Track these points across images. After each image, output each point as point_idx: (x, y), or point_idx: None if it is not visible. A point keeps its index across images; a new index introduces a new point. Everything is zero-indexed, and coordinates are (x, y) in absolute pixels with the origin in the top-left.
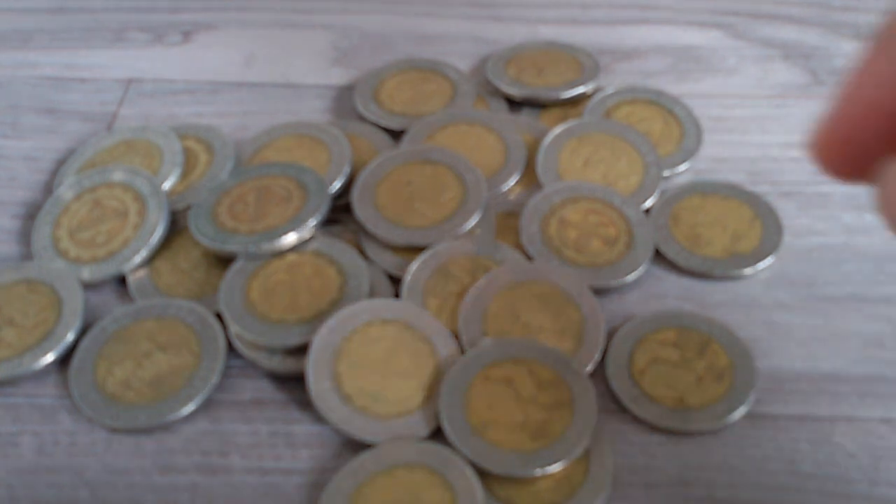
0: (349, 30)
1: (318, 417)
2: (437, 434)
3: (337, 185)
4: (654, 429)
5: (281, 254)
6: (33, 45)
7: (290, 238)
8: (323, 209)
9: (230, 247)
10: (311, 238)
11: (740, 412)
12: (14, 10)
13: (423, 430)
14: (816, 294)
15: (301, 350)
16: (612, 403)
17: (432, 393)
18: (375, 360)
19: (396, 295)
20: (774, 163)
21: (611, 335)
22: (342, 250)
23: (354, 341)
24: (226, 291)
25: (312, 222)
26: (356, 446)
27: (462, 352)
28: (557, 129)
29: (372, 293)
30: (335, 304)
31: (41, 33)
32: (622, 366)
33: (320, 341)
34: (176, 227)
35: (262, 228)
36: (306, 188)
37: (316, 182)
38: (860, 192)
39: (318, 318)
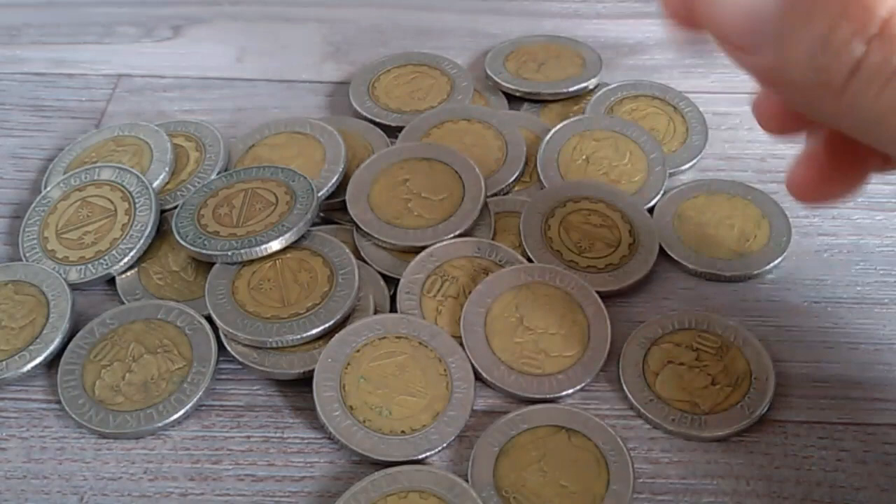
0: (343, 23)
1: (312, 424)
2: (432, 458)
3: (331, 184)
4: (665, 433)
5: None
6: (21, 41)
7: (270, 246)
8: (308, 218)
9: (208, 252)
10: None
11: (753, 419)
12: (1, 5)
13: (422, 451)
14: (826, 296)
15: (296, 351)
16: (624, 407)
17: (439, 413)
18: (385, 375)
19: (392, 296)
20: (783, 160)
21: (616, 338)
22: (323, 241)
23: (365, 354)
24: (211, 294)
25: (295, 231)
26: (351, 455)
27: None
28: (559, 126)
29: (363, 287)
30: (328, 297)
31: (29, 28)
32: (636, 367)
33: (330, 350)
34: (166, 227)
35: (242, 234)
36: (294, 194)
37: (305, 188)
38: (871, 192)
39: (314, 312)
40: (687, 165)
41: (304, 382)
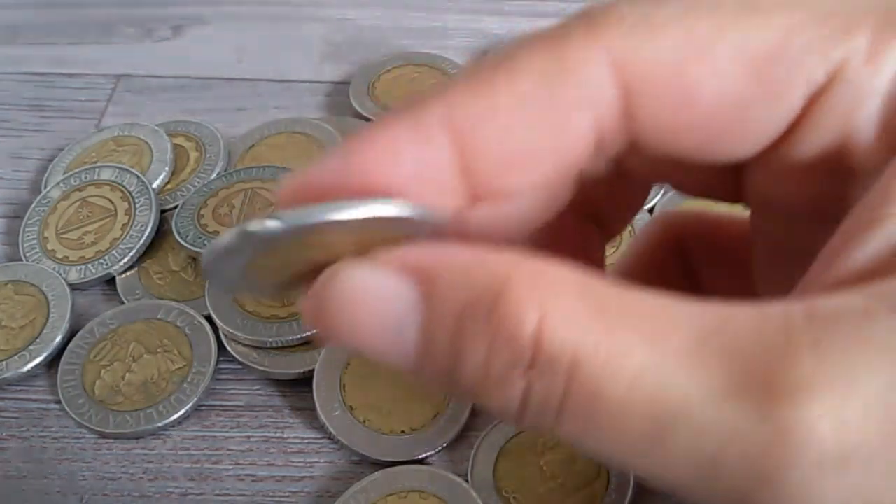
0: (343, 23)
1: (312, 424)
2: (432, 458)
3: None
4: None
5: None
6: (20, 41)
7: None
8: None
9: None
10: None
11: None
12: (1, 5)
13: (423, 450)
14: None
15: (296, 351)
16: None
17: (439, 413)
18: (385, 375)
19: None
20: None
21: None
22: None
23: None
24: (211, 294)
25: None
26: (351, 455)
27: None
28: None
29: None
30: None
31: (28, 28)
32: None
33: (330, 350)
34: (166, 227)
35: None
36: None
37: None
38: None
39: None
40: None
41: (304, 382)
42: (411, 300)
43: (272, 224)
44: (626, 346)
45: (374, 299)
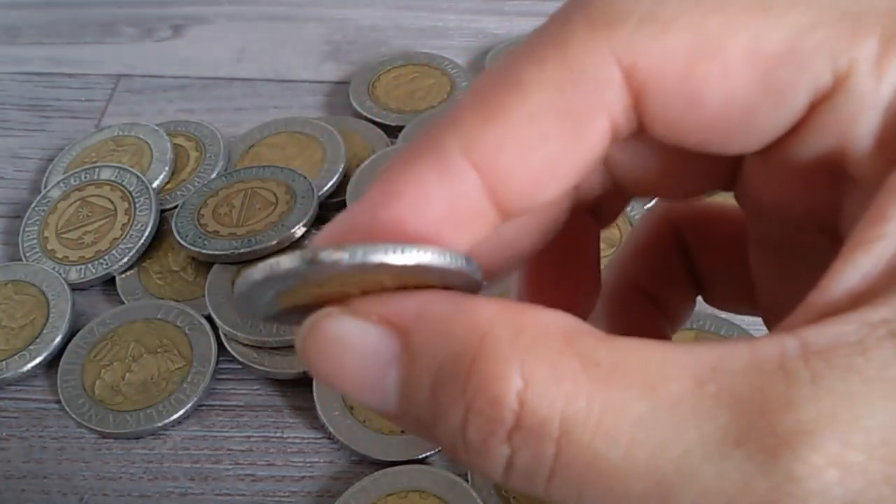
0: (343, 23)
1: (312, 424)
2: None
3: (331, 184)
4: None
5: None
6: (20, 41)
7: (271, 246)
8: (308, 217)
9: (208, 252)
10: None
11: None
12: (1, 5)
13: (422, 451)
14: None
15: (295, 352)
16: None
17: None
18: None
19: None
20: None
21: None
22: None
23: None
24: (211, 294)
25: (296, 230)
26: (351, 455)
27: None
28: None
29: None
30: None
31: (28, 28)
32: None
33: None
34: (166, 227)
35: (243, 234)
36: (294, 194)
37: (305, 188)
38: None
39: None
40: None
41: (304, 382)
42: (391, 352)
43: (341, 256)
44: (620, 403)
45: (353, 349)
